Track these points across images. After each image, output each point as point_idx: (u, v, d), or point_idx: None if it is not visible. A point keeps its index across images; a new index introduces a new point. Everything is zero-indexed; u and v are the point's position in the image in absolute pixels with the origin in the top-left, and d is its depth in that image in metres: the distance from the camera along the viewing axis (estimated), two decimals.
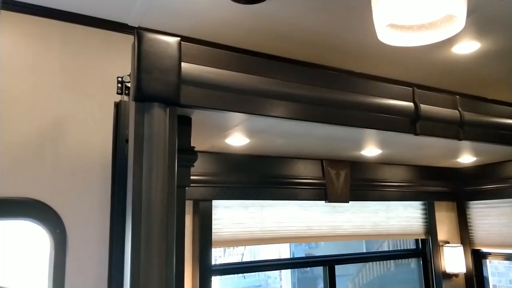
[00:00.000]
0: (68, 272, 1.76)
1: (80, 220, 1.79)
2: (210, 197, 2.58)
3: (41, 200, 1.71)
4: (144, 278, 1.69)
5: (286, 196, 2.83)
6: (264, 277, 8.84)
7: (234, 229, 2.69)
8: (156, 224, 1.67)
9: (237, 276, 8.85)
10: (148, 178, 1.58)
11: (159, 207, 1.64)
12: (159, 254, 1.68)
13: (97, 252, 1.81)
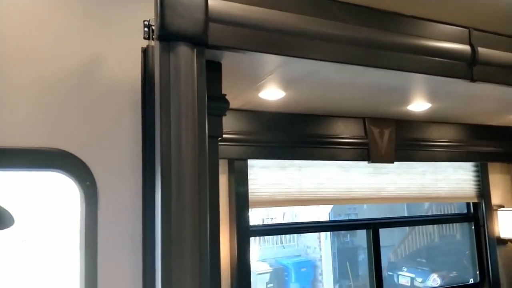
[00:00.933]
0: (100, 226, 1.69)
1: (110, 172, 1.71)
2: (245, 156, 2.46)
3: (69, 150, 1.64)
4: (177, 240, 1.60)
5: (325, 157, 2.67)
6: (303, 247, 8.81)
7: (271, 189, 2.58)
8: (187, 178, 1.57)
9: (276, 245, 8.88)
10: (176, 127, 1.47)
11: (189, 158, 1.53)
12: (192, 210, 1.58)
13: (130, 205, 1.73)
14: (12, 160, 1.59)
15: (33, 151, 1.61)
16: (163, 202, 1.60)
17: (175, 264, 1.58)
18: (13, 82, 1.59)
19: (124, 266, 1.77)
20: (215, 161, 1.74)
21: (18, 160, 1.61)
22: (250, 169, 2.52)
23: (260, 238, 8.82)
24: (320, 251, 8.15)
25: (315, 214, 7.36)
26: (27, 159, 1.60)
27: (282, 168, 2.64)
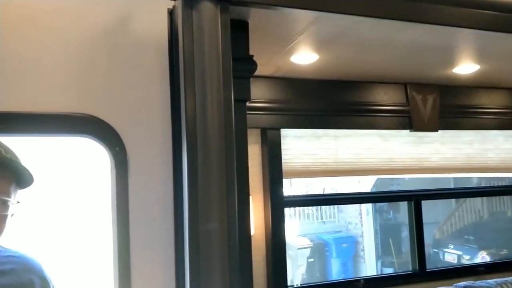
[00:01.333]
0: (131, 192, 1.68)
1: (139, 138, 1.69)
2: (278, 125, 2.39)
3: (98, 116, 1.63)
4: (204, 210, 1.57)
5: (363, 125, 2.55)
6: (344, 223, 8.73)
7: (306, 160, 2.50)
8: (212, 142, 1.52)
9: (316, 221, 8.84)
10: (201, 89, 1.41)
11: (215, 121, 1.48)
12: (218, 176, 1.54)
13: (160, 170, 1.71)
14: (42, 126, 1.61)
15: (63, 116, 1.61)
16: (189, 167, 1.56)
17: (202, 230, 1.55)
18: (41, 47, 1.59)
19: (156, 229, 1.76)
20: (243, 125, 1.68)
21: (48, 126, 1.61)
22: (284, 139, 2.45)
23: (300, 213, 8.82)
24: (362, 227, 8.04)
25: (356, 189, 7.21)
26: (56, 124, 1.61)
27: (317, 137, 2.55)
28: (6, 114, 1.54)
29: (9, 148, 1.04)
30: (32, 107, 1.60)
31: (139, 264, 1.74)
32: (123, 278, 1.70)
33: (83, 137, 1.65)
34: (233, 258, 1.58)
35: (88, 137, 1.65)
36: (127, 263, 1.71)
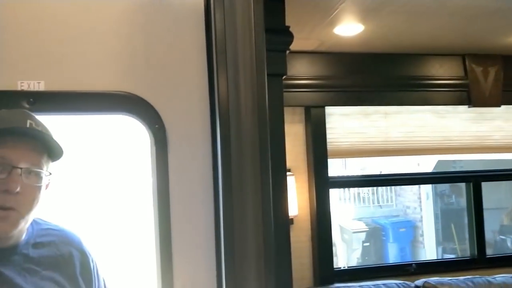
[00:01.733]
0: (171, 169, 1.70)
1: (178, 115, 1.70)
2: (322, 103, 2.30)
3: (136, 93, 1.65)
4: (237, 191, 1.54)
5: (416, 101, 2.39)
6: (402, 207, 8.45)
7: (353, 139, 2.39)
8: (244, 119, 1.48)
9: (373, 205, 8.61)
10: (232, 64, 1.37)
11: (248, 97, 1.43)
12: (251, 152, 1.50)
13: (199, 147, 1.71)
14: (83, 105, 1.65)
15: (103, 95, 1.64)
16: (222, 146, 1.55)
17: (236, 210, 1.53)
18: (80, 26, 1.63)
19: (196, 206, 1.77)
20: (279, 101, 1.63)
21: (89, 104, 1.66)
22: (329, 117, 2.36)
23: (355, 197, 8.63)
24: (421, 211, 7.73)
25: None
26: (97, 103, 1.64)
27: (365, 115, 2.42)
28: (48, 94, 1.60)
29: (40, 122, 1.07)
30: (73, 86, 1.64)
31: (180, 240, 1.76)
32: (164, 255, 1.73)
33: (123, 115, 1.68)
34: (268, 239, 1.55)
35: (127, 115, 1.67)
36: (167, 239, 1.73)
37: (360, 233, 7.38)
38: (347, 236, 7.32)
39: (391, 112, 2.45)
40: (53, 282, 1.04)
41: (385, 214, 8.43)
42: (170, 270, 1.73)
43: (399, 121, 2.45)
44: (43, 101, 1.56)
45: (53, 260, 1.07)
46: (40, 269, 1.03)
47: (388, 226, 7.41)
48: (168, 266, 1.72)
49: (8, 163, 0.94)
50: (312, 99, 2.29)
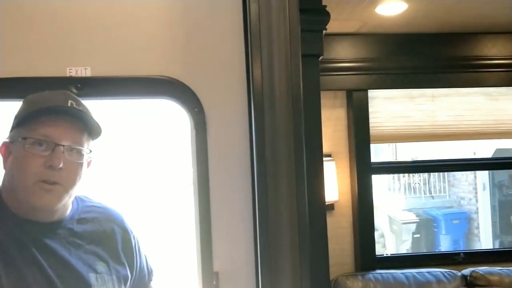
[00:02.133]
0: (210, 151, 1.74)
1: (217, 99, 1.73)
2: (365, 86, 2.24)
3: (177, 78, 1.70)
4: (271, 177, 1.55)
5: (466, 83, 2.27)
6: (456, 198, 8.11)
7: (397, 123, 2.32)
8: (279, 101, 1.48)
9: (424, 196, 8.32)
10: (266, 45, 1.38)
11: (282, 78, 1.43)
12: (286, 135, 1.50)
13: (237, 130, 1.74)
14: (126, 89, 1.72)
15: (145, 79, 1.70)
16: (256, 127, 1.56)
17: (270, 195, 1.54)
18: (123, 13, 1.69)
19: (234, 187, 1.80)
20: (315, 83, 1.60)
21: (131, 89, 1.72)
22: (372, 101, 2.30)
23: (406, 187, 8.37)
24: (477, 202, 7.37)
25: None
26: (139, 87, 1.70)
27: (410, 98, 2.34)
28: (94, 79, 1.68)
29: (80, 101, 1.12)
30: (118, 71, 1.72)
31: (219, 221, 1.80)
32: (203, 235, 1.78)
33: (165, 99, 1.73)
34: (302, 224, 1.55)
35: (168, 99, 1.72)
36: (207, 220, 1.78)
37: (410, 224, 7.17)
38: (396, 227, 7.14)
39: (439, 95, 2.34)
40: (96, 256, 1.09)
41: (438, 205, 8.13)
42: (210, 250, 1.77)
43: (448, 104, 2.34)
44: (90, 87, 1.64)
45: (96, 235, 1.11)
46: (83, 243, 1.07)
47: (440, 218, 7.15)
48: (208, 246, 1.77)
49: (51, 140, 0.99)
50: (354, 83, 2.24)
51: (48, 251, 1.00)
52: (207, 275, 1.75)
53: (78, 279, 1.03)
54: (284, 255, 1.63)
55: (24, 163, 0.98)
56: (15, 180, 1.00)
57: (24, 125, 1.01)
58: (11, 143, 1.02)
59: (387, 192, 8.60)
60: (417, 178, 8.54)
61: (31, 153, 0.97)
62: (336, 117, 2.31)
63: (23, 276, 0.95)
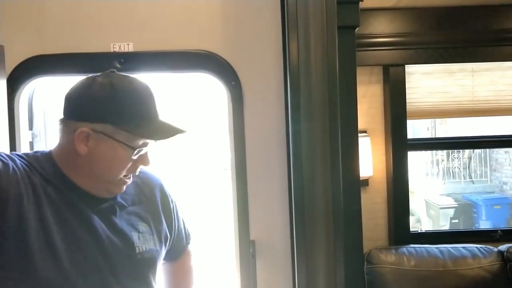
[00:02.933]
0: (247, 124, 1.79)
1: (253, 73, 1.77)
2: (402, 61, 2.22)
3: (214, 52, 1.75)
4: (307, 151, 1.59)
5: (509, 56, 2.20)
6: (498, 183, 7.85)
7: (435, 99, 2.28)
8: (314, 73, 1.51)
9: (464, 180, 8.09)
10: (302, 16, 1.40)
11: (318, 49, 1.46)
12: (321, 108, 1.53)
13: (273, 103, 1.78)
14: (166, 63, 1.78)
15: (183, 53, 1.75)
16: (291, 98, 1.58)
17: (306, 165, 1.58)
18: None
19: (271, 158, 1.85)
20: (351, 54, 1.61)
21: (171, 63, 1.78)
22: (409, 76, 2.27)
23: (445, 172, 8.15)
24: None
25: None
26: (179, 61, 1.76)
27: (449, 73, 2.29)
28: (136, 54, 1.76)
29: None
30: (158, 46, 1.78)
31: (255, 190, 1.86)
32: (240, 203, 1.84)
33: (203, 73, 1.79)
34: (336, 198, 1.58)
35: (206, 72, 1.78)
36: (244, 190, 1.84)
37: (448, 209, 7.00)
38: (434, 212, 7.00)
39: (479, 69, 2.28)
40: (138, 217, 1.15)
41: (478, 190, 7.88)
42: (247, 220, 1.84)
43: (488, 79, 2.27)
44: (132, 61, 1.72)
45: (136, 197, 1.18)
46: (126, 205, 1.14)
47: (480, 203, 6.94)
48: (245, 216, 1.83)
49: (144, 147, 1.07)
50: (391, 58, 2.22)
51: (96, 212, 1.07)
52: (244, 243, 1.82)
53: (123, 238, 1.08)
54: (319, 226, 1.67)
55: (119, 162, 1.05)
56: (99, 169, 1.05)
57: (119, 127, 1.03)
58: (96, 132, 1.03)
59: (424, 177, 8.43)
60: (457, 162, 8.30)
61: (129, 157, 1.05)
62: (372, 93, 2.30)
63: (74, 233, 1.02)
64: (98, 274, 1.02)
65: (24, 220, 0.96)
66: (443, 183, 8.27)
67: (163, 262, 1.32)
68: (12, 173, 0.98)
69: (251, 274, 1.80)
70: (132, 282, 1.07)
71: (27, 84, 1.73)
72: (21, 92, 1.73)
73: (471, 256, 1.95)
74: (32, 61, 1.70)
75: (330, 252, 1.69)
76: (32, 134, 1.88)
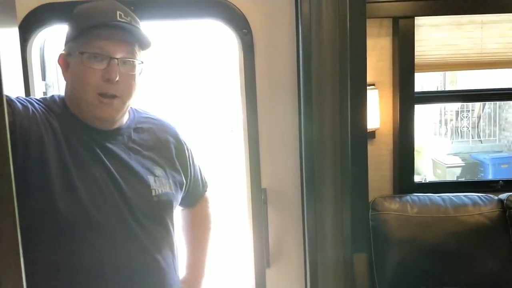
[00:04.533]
0: (258, 72, 1.83)
1: (265, 20, 1.78)
2: (411, 13, 2.21)
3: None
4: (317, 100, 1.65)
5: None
6: (506, 142, 7.87)
7: (443, 51, 2.29)
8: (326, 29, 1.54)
9: (472, 140, 8.10)
10: None
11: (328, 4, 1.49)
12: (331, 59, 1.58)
13: (284, 52, 1.81)
14: (176, 10, 1.79)
15: (194, 0, 1.76)
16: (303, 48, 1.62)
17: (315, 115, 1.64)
18: None
19: (281, 109, 1.90)
20: (361, 5, 1.64)
21: (181, 10, 1.79)
22: (418, 29, 2.27)
23: (453, 131, 8.15)
24: None
25: None
26: (189, 8, 1.77)
27: (459, 26, 2.29)
28: (146, 1, 1.75)
29: (127, 11, 1.13)
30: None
31: (267, 141, 1.93)
32: (252, 153, 1.91)
33: (213, 20, 1.80)
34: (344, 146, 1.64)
35: (217, 19, 1.79)
36: (255, 140, 1.91)
37: (455, 168, 7.07)
38: (440, 171, 7.07)
39: (488, 21, 2.27)
40: (153, 161, 1.17)
41: (486, 149, 7.91)
42: (258, 169, 1.92)
43: (497, 31, 2.27)
44: (143, 9, 1.73)
45: (151, 143, 1.19)
46: (141, 149, 1.16)
47: (487, 162, 6.99)
48: (256, 165, 1.91)
49: (106, 54, 1.03)
50: (400, 10, 2.21)
51: (111, 154, 1.09)
52: (255, 191, 1.92)
53: (138, 180, 1.11)
54: (327, 174, 1.76)
55: (83, 77, 1.04)
56: (76, 92, 1.07)
57: (79, 39, 1.05)
58: (68, 55, 1.08)
59: (432, 136, 8.43)
60: (466, 122, 8.28)
61: (89, 67, 1.03)
62: (381, 46, 2.31)
63: (92, 174, 1.05)
64: (117, 213, 1.05)
65: (45, 161, 0.99)
66: (451, 142, 8.29)
67: (181, 209, 1.38)
68: (32, 115, 1.00)
69: (263, 221, 1.91)
70: (149, 223, 1.10)
71: (38, 33, 1.75)
72: (32, 41, 1.75)
73: (472, 203, 2.03)
74: (42, 9, 1.71)
75: (337, 199, 1.79)
76: (45, 85, 1.91)
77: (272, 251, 1.93)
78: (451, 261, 1.96)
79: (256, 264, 1.95)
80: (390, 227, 2.02)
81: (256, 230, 1.94)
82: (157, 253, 1.10)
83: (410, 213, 2.03)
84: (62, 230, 1.01)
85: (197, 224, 1.42)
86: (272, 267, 1.95)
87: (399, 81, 2.27)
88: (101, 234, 1.02)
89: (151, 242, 1.09)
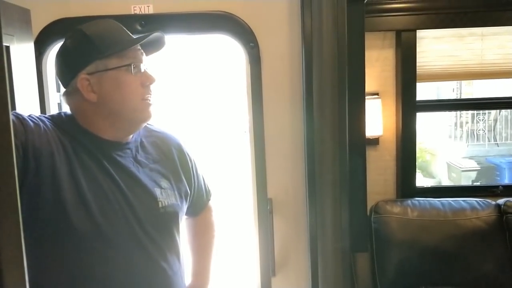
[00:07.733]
0: (264, 85, 1.90)
1: (271, 35, 1.84)
2: (413, 26, 2.32)
3: (234, 13, 1.83)
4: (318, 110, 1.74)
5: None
6: None
7: (445, 62, 2.39)
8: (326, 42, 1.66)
9: (488, 143, 8.05)
10: None
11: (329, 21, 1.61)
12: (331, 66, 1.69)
13: (290, 64, 1.88)
14: (186, 25, 1.87)
15: (203, 14, 1.84)
16: (305, 63, 1.74)
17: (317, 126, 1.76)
18: None
19: (287, 121, 1.99)
20: (360, 21, 1.74)
21: (191, 24, 1.84)
22: (420, 41, 2.38)
23: (469, 135, 8.11)
24: None
25: None
26: (197, 23, 1.82)
27: (459, 38, 2.39)
28: (156, 16, 1.82)
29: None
30: (177, 8, 1.81)
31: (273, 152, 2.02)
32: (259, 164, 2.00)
33: (221, 34, 1.89)
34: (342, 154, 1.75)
35: (225, 34, 1.88)
36: (262, 151, 2.01)
37: (470, 171, 7.03)
38: (455, 175, 7.05)
39: (488, 33, 2.37)
40: (159, 173, 1.20)
41: (503, 153, 7.84)
42: (264, 179, 2.00)
43: (497, 43, 2.36)
44: (153, 23, 1.81)
45: (156, 156, 1.23)
46: (148, 163, 1.20)
47: (503, 166, 6.94)
48: (262, 175, 2.00)
49: (138, 62, 1.12)
50: (403, 23, 2.33)
51: (120, 167, 1.12)
52: (261, 201, 1.99)
53: (145, 192, 1.13)
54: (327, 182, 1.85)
55: (127, 86, 1.10)
56: (116, 105, 1.10)
57: (106, 57, 1.07)
58: (95, 73, 1.08)
59: (448, 139, 8.40)
60: (482, 125, 8.23)
61: (130, 77, 1.10)
62: (384, 57, 2.43)
63: (102, 187, 1.07)
64: (127, 226, 1.08)
65: (57, 177, 1.01)
66: (466, 145, 8.24)
67: (185, 218, 1.40)
68: (43, 133, 1.03)
69: (268, 230, 1.93)
70: (157, 233, 1.13)
71: (53, 47, 1.80)
72: (47, 54, 1.81)
73: (470, 208, 2.13)
74: (57, 24, 1.76)
75: (337, 205, 1.89)
76: (60, 96, 1.94)
77: (278, 260, 1.97)
78: (449, 263, 2.07)
79: (262, 272, 1.98)
80: (392, 230, 2.14)
81: (262, 239, 1.96)
82: (164, 262, 1.13)
83: (411, 216, 2.14)
84: (75, 243, 1.04)
85: (202, 232, 1.44)
86: (277, 276, 1.99)
87: (402, 91, 2.38)
88: (111, 245, 1.06)
89: (158, 251, 1.12)
